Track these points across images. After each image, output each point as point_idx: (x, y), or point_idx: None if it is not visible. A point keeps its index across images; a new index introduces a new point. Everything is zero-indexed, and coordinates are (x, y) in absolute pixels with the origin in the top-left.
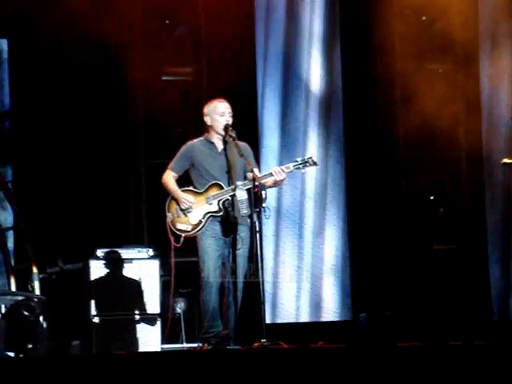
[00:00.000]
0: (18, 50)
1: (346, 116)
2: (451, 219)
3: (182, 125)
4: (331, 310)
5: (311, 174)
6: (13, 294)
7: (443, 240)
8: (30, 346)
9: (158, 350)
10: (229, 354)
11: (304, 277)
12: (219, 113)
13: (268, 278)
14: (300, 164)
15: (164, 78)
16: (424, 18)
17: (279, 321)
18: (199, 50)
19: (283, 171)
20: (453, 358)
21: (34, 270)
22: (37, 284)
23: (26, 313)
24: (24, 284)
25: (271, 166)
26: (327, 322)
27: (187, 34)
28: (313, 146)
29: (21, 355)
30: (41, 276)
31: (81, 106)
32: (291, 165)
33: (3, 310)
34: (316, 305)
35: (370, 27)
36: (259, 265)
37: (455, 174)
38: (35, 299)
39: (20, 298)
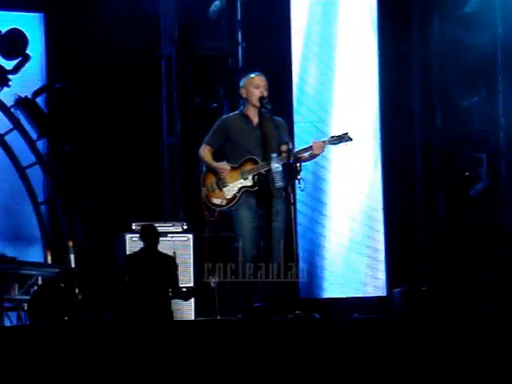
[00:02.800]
0: (53, 25)
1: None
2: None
3: (218, 100)
4: (366, 285)
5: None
6: (49, 266)
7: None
8: (66, 317)
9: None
10: (263, 324)
11: (338, 252)
12: (254, 85)
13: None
14: (336, 139)
15: (200, 52)
16: None
17: (315, 296)
18: (235, 25)
19: (321, 145)
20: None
21: (70, 243)
22: (72, 257)
23: (61, 285)
24: (60, 257)
25: (305, 143)
26: (363, 297)
27: (223, 8)
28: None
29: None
30: (77, 249)
31: (117, 81)
32: (327, 140)
33: (40, 282)
34: (349, 280)
35: None
36: (294, 237)
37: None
38: (71, 271)
39: (56, 270)
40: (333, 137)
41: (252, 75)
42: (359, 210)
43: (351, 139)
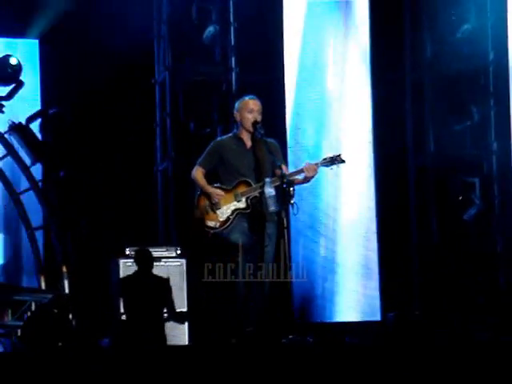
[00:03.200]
0: (48, 50)
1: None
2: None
3: (211, 125)
4: (360, 311)
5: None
6: (43, 292)
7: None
8: (60, 343)
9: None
10: (256, 349)
11: (333, 277)
12: (248, 109)
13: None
14: (328, 161)
15: (193, 78)
16: None
17: (309, 320)
18: (228, 50)
19: (314, 167)
20: (480, 355)
21: (64, 269)
22: (66, 282)
23: (55, 310)
24: (54, 283)
25: (299, 165)
26: (356, 321)
27: (216, 33)
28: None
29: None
30: (71, 274)
31: (109, 106)
32: (319, 162)
33: (33, 308)
34: (345, 305)
35: None
36: (287, 262)
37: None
38: (64, 297)
39: (50, 296)
40: (325, 158)
41: (246, 98)
42: (353, 234)
43: (344, 161)
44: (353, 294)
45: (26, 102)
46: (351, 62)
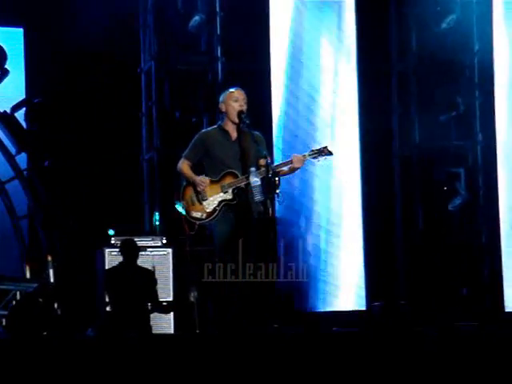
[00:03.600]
0: (33, 39)
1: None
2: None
3: (197, 114)
4: (346, 300)
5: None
6: (28, 281)
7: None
8: (45, 332)
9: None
10: (237, 338)
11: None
12: (233, 98)
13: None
14: (316, 153)
15: (179, 67)
16: None
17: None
18: (214, 39)
19: (301, 159)
20: (464, 343)
21: (49, 257)
22: (51, 272)
23: (40, 300)
24: (39, 271)
25: (284, 156)
26: (342, 311)
27: (202, 23)
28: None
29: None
30: (56, 263)
31: (94, 95)
32: (307, 154)
33: (18, 297)
34: (331, 294)
35: None
36: (274, 253)
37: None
38: (49, 286)
39: (35, 285)
40: (312, 150)
41: (231, 89)
42: (338, 223)
43: (331, 153)
44: (338, 283)
45: (11, 91)
46: (337, 52)
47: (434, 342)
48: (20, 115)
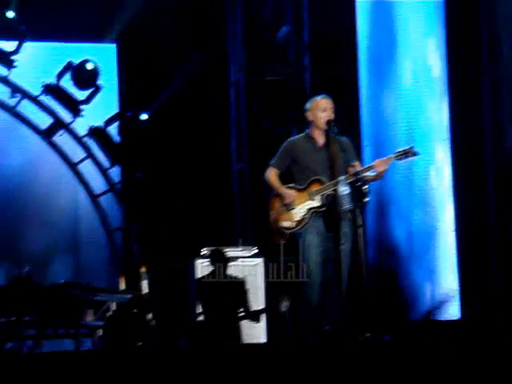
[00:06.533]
0: (126, 55)
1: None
2: None
3: (286, 124)
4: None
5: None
6: (122, 292)
7: None
8: (140, 343)
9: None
10: (333, 347)
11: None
12: (321, 108)
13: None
14: (402, 154)
15: (267, 78)
16: None
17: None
18: (302, 49)
19: (385, 162)
20: None
21: (143, 269)
22: (145, 283)
23: (135, 310)
24: (133, 283)
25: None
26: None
27: (290, 33)
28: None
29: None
30: (149, 275)
31: (187, 108)
32: (393, 156)
33: (114, 308)
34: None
35: None
36: (362, 259)
37: None
38: (144, 298)
39: (129, 296)
40: (398, 151)
41: (318, 98)
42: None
43: (416, 154)
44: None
45: (104, 106)
46: (426, 58)
47: None
48: (113, 129)
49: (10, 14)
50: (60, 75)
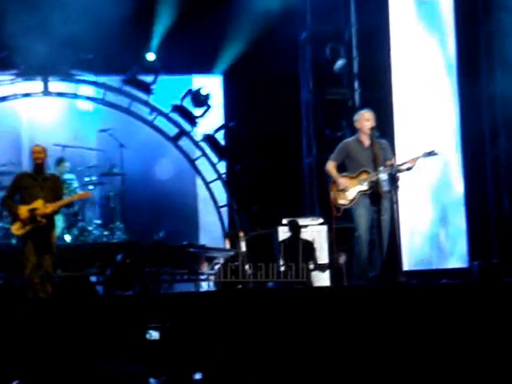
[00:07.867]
0: (229, 84)
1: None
2: None
3: (341, 130)
4: (450, 258)
5: None
6: (227, 250)
7: None
8: (239, 286)
9: None
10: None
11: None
12: (366, 119)
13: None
14: (427, 154)
15: (328, 97)
16: None
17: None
18: (352, 76)
19: (414, 159)
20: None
21: (241, 234)
22: (243, 244)
23: (236, 263)
24: (235, 244)
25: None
26: (450, 268)
27: (345, 65)
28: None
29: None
30: (246, 238)
31: (271, 121)
32: (421, 155)
33: (221, 261)
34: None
35: None
36: (397, 226)
37: None
38: (242, 254)
39: (232, 253)
40: (425, 152)
41: (363, 111)
42: (445, 203)
43: (437, 154)
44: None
45: (213, 119)
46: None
47: None
48: (220, 135)
49: (151, 57)
50: (183, 98)
